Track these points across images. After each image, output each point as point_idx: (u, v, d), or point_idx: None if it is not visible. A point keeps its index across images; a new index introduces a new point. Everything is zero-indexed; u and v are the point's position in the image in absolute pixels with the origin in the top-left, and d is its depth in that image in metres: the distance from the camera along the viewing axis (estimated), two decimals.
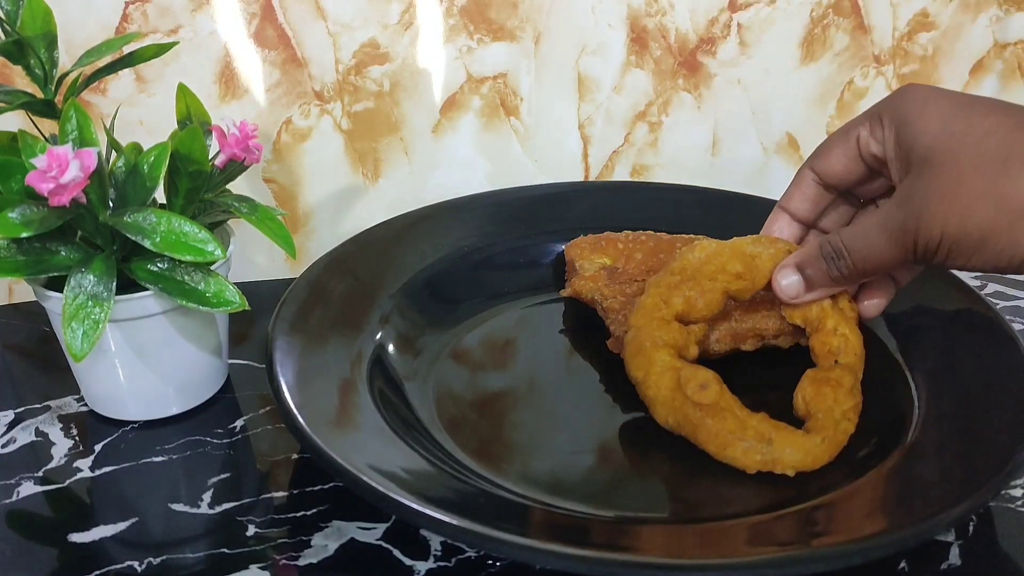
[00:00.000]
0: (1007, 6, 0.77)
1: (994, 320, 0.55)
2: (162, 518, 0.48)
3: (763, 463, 0.48)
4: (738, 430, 0.48)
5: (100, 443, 0.53)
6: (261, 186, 0.69)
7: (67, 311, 0.46)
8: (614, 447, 0.51)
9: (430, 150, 0.71)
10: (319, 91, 0.67)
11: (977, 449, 0.47)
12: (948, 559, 0.45)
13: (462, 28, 0.68)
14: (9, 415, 0.55)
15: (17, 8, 0.50)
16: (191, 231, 0.47)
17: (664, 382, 0.50)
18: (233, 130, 0.52)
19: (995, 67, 0.79)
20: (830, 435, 0.49)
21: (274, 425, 0.54)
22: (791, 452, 0.48)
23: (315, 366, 0.53)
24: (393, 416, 0.51)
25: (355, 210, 0.71)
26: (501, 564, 0.45)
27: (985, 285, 0.69)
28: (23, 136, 0.47)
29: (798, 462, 0.48)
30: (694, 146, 0.76)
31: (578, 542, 0.43)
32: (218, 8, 0.63)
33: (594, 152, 0.75)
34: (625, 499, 0.48)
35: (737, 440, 0.48)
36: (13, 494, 0.49)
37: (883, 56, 0.76)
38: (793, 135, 0.77)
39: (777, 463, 0.48)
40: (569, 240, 0.65)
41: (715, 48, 0.73)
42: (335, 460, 0.45)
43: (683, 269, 0.56)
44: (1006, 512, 0.48)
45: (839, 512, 0.45)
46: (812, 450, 0.48)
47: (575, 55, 0.71)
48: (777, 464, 0.48)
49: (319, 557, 0.45)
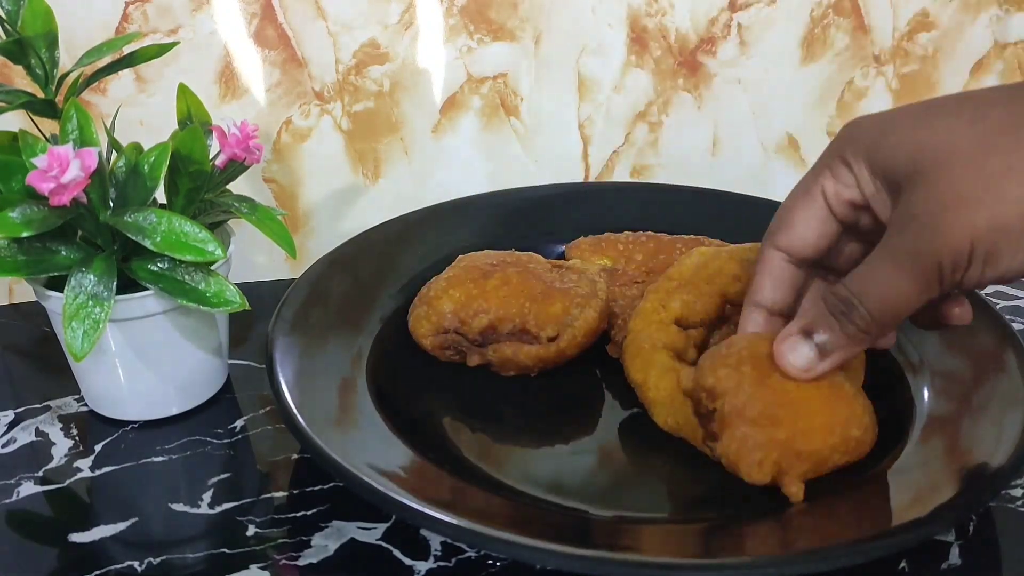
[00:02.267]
0: (1007, 6, 0.77)
1: (994, 320, 0.55)
2: (162, 518, 0.48)
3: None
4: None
5: (100, 443, 0.53)
6: (261, 186, 0.69)
7: (67, 311, 0.46)
8: (614, 448, 0.51)
9: (430, 150, 0.71)
10: (319, 91, 0.67)
11: (977, 449, 0.47)
12: (948, 559, 0.45)
13: (462, 28, 0.68)
14: (9, 415, 0.55)
15: (18, 8, 0.50)
16: (191, 231, 0.47)
17: (664, 384, 0.50)
18: (233, 130, 0.52)
19: (995, 67, 0.79)
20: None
21: (274, 425, 0.54)
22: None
23: (315, 366, 0.53)
24: (393, 416, 0.51)
25: (355, 210, 0.71)
26: (501, 564, 0.45)
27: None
28: (24, 136, 0.47)
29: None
30: (694, 146, 0.76)
31: (578, 542, 0.43)
32: (218, 8, 0.63)
33: (594, 152, 0.75)
34: (625, 499, 0.48)
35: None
36: (13, 494, 0.49)
37: (883, 56, 0.76)
38: (793, 135, 0.77)
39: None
40: (569, 241, 0.65)
41: (715, 48, 0.73)
42: (335, 460, 0.45)
43: (681, 274, 0.56)
44: (1006, 512, 0.48)
45: (840, 512, 0.45)
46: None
47: (575, 55, 0.71)
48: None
49: (319, 557, 0.45)
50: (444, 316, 0.56)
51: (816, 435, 0.45)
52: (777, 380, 0.45)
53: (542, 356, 0.55)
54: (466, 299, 0.56)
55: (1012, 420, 0.48)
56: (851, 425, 0.45)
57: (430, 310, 0.56)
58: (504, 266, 0.58)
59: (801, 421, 0.45)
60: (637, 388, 0.52)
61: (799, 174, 0.78)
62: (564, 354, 0.55)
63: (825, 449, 0.45)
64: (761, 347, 0.46)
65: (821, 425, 0.45)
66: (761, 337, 0.47)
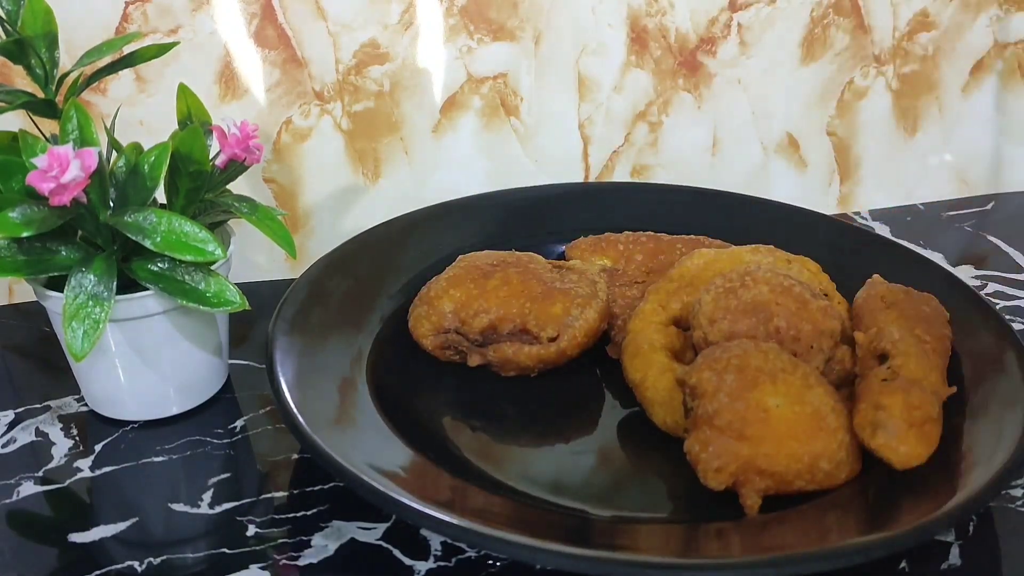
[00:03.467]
0: (1007, 6, 0.77)
1: (994, 320, 0.55)
2: (162, 518, 0.48)
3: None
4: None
5: (100, 443, 0.53)
6: (261, 186, 0.69)
7: (67, 311, 0.46)
8: (614, 448, 0.51)
9: (430, 150, 0.71)
10: (319, 91, 0.67)
11: (977, 449, 0.47)
12: (948, 559, 0.45)
13: (462, 28, 0.68)
14: (9, 415, 0.55)
15: (18, 8, 0.50)
16: (191, 231, 0.47)
17: (662, 384, 0.51)
18: (233, 130, 0.52)
19: (995, 67, 0.79)
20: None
21: (274, 425, 0.54)
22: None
23: (315, 366, 0.53)
24: (393, 416, 0.51)
25: (355, 210, 0.71)
26: (501, 564, 0.45)
27: (985, 285, 0.69)
28: (24, 136, 0.47)
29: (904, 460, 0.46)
30: (694, 146, 0.76)
31: (578, 542, 0.43)
32: (218, 8, 0.63)
33: (594, 152, 0.75)
34: (625, 499, 0.48)
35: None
36: (13, 494, 0.49)
37: (883, 56, 0.76)
38: (793, 135, 0.77)
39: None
40: (569, 241, 0.65)
41: (715, 48, 0.73)
42: (335, 460, 0.45)
43: (681, 275, 0.56)
44: (1006, 512, 0.48)
45: (840, 512, 0.45)
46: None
47: (575, 55, 0.71)
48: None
49: (319, 557, 0.45)
50: (444, 316, 0.56)
51: (781, 459, 0.45)
52: (757, 396, 0.45)
53: (542, 356, 0.55)
54: (466, 299, 0.56)
55: (1012, 420, 0.48)
56: (822, 458, 0.45)
57: (430, 310, 0.56)
58: (504, 266, 0.58)
59: (769, 443, 0.45)
60: (635, 388, 0.52)
61: (799, 174, 0.79)
62: (564, 354, 0.55)
63: (788, 474, 0.45)
64: (754, 359, 0.46)
65: (790, 452, 0.45)
66: (760, 349, 0.47)
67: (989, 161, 0.82)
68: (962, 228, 0.78)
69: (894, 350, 0.49)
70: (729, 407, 0.45)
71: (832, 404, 0.46)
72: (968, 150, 0.82)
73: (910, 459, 0.46)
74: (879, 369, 0.49)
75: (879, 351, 0.50)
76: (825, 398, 0.46)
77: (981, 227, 0.78)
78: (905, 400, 0.46)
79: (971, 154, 0.82)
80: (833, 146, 0.78)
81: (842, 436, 0.46)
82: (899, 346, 0.49)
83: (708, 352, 0.48)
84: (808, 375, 0.47)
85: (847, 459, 0.46)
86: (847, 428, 0.46)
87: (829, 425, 0.46)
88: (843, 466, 0.46)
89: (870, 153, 0.79)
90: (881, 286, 0.55)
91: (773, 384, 0.46)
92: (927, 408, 0.47)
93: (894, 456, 0.46)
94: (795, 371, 0.47)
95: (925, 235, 0.77)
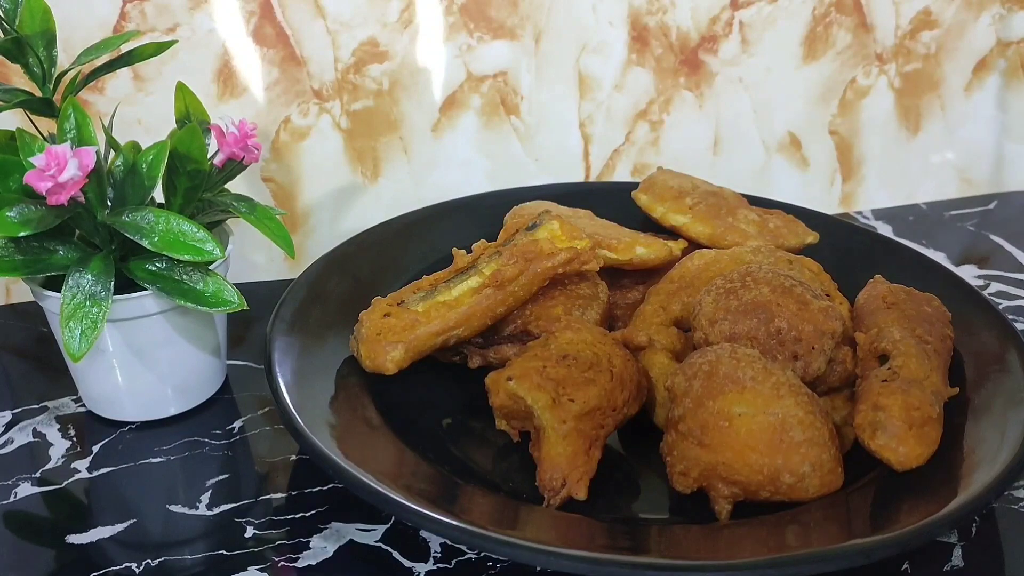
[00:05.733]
0: (1010, 4, 0.77)
1: (997, 320, 0.55)
2: (160, 519, 0.47)
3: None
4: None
5: (98, 444, 0.52)
6: (260, 185, 0.69)
7: (65, 311, 0.46)
8: (614, 448, 0.51)
9: (430, 149, 0.71)
10: (318, 90, 0.67)
11: (980, 449, 0.47)
12: (951, 560, 0.45)
13: (462, 26, 0.68)
14: (6, 416, 0.55)
15: (16, 6, 0.50)
16: (190, 230, 0.47)
17: (662, 385, 0.50)
18: (232, 129, 0.51)
19: (998, 65, 0.79)
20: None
21: (273, 426, 0.54)
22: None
23: (314, 366, 0.52)
24: (393, 416, 0.51)
25: (354, 210, 0.71)
26: (501, 565, 0.45)
27: (988, 284, 0.69)
28: (21, 135, 0.46)
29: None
30: (695, 145, 0.76)
31: (578, 542, 0.43)
32: (216, 6, 0.63)
33: (595, 151, 0.74)
34: (625, 499, 0.48)
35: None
36: (10, 495, 0.49)
37: (885, 54, 0.76)
38: (795, 134, 0.77)
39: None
40: None
41: (717, 46, 0.73)
42: (334, 461, 0.44)
43: (681, 276, 0.56)
44: (1009, 513, 0.48)
45: (841, 513, 0.45)
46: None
47: (576, 53, 0.71)
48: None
49: (318, 559, 0.45)
50: None
51: (742, 469, 0.44)
52: (719, 406, 0.44)
53: None
54: None
55: (1015, 420, 0.47)
56: (783, 471, 0.44)
57: None
58: None
59: (727, 452, 0.44)
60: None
61: (801, 173, 0.78)
62: None
63: (752, 484, 0.44)
64: (724, 366, 0.46)
65: (748, 462, 0.44)
66: (734, 356, 0.46)
67: (992, 160, 0.82)
68: (965, 227, 0.78)
69: (894, 350, 0.49)
70: (692, 413, 0.45)
71: (801, 416, 0.45)
72: (971, 149, 0.81)
73: (909, 460, 0.45)
74: (879, 370, 0.49)
75: (880, 351, 0.50)
76: (795, 409, 0.45)
77: (984, 226, 0.78)
78: (905, 401, 0.46)
79: (974, 153, 0.82)
80: (835, 145, 0.78)
81: (807, 450, 0.44)
82: (899, 346, 0.49)
83: (688, 356, 0.48)
84: (780, 385, 0.45)
85: (812, 472, 0.44)
86: (818, 441, 0.45)
87: (793, 438, 0.44)
88: (808, 479, 0.44)
89: (872, 152, 0.79)
90: (882, 286, 0.55)
91: (740, 393, 0.45)
92: (927, 409, 0.46)
93: (893, 457, 0.45)
94: (766, 380, 0.45)
95: (927, 234, 0.76)
